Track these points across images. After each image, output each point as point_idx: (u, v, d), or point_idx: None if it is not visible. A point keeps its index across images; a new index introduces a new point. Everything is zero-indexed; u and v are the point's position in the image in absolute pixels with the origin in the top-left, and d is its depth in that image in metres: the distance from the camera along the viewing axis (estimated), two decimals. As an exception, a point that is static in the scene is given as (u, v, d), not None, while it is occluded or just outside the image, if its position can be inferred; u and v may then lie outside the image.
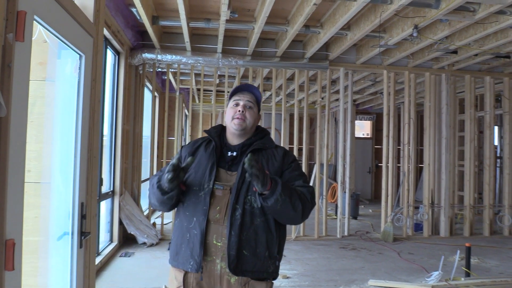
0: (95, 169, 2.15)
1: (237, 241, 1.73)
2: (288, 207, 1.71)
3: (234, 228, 1.73)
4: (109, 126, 5.62)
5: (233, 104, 1.94)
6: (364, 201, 11.68)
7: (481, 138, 8.43)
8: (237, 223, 1.74)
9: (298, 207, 1.74)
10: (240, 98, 1.93)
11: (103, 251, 5.24)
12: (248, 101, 1.92)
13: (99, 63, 2.14)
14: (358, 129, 12.74)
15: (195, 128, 11.15)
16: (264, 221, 1.78)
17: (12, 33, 1.27)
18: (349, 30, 5.74)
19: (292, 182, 1.85)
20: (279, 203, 1.69)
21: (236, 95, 1.96)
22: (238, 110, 1.89)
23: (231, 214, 1.75)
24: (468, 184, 7.25)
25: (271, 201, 1.69)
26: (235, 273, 1.72)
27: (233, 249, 1.72)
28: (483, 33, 5.17)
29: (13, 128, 1.29)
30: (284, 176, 1.87)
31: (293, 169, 1.89)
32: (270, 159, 1.88)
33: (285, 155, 1.92)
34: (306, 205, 1.78)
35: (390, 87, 7.11)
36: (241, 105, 1.91)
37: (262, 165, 1.70)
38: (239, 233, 1.73)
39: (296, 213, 1.75)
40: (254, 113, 1.93)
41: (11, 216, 1.28)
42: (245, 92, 1.96)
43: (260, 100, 2.00)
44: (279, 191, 1.68)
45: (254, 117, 1.93)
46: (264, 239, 1.78)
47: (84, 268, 2.00)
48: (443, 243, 6.63)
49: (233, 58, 6.48)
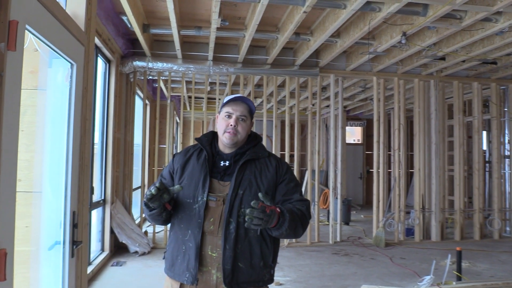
0: (87, 177, 2.14)
1: (232, 255, 1.73)
2: (289, 234, 1.75)
3: (229, 242, 1.73)
4: (100, 134, 5.59)
5: (225, 115, 1.88)
6: (355, 207, 11.72)
7: (470, 143, 8.52)
8: (232, 236, 1.74)
9: (298, 232, 1.77)
10: (233, 111, 1.87)
11: (95, 260, 5.19)
12: (240, 115, 1.87)
13: (90, 71, 2.14)
14: (349, 135, 12.81)
15: (186, 136, 11.13)
16: (258, 232, 1.79)
17: (4, 42, 1.27)
18: (339, 38, 5.80)
19: (290, 196, 1.84)
20: (283, 235, 1.73)
21: (229, 106, 1.89)
22: (230, 124, 1.85)
23: (225, 227, 1.74)
24: (458, 189, 7.32)
25: (275, 233, 1.73)
26: (231, 286, 1.73)
27: (228, 263, 1.72)
28: (470, 40, 5.26)
29: (4, 137, 1.29)
30: (279, 189, 1.86)
31: (288, 181, 1.88)
32: (263, 169, 1.86)
33: (278, 165, 1.90)
34: (305, 226, 1.80)
35: (380, 93, 7.18)
36: (234, 118, 1.86)
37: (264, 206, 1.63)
38: (234, 246, 1.73)
39: (295, 235, 1.79)
40: (247, 125, 1.89)
41: (2, 226, 1.27)
42: (238, 102, 1.89)
43: (253, 111, 1.95)
44: (286, 227, 1.68)
45: (246, 130, 1.89)
46: (259, 250, 1.78)
47: (76, 278, 1.98)
48: (435, 247, 6.67)
49: (224, 66, 6.50)
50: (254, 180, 1.82)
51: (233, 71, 6.59)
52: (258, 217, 1.58)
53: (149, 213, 1.79)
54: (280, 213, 1.67)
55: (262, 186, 1.82)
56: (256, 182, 1.82)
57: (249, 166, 1.85)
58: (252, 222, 1.58)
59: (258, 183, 1.82)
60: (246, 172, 1.83)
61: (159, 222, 1.88)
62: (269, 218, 1.62)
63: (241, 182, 1.80)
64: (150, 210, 1.77)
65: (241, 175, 1.82)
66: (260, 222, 1.59)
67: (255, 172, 1.84)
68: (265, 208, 1.61)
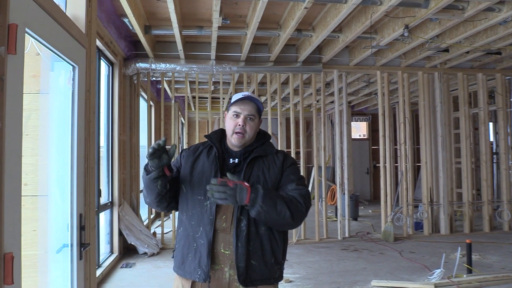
0: (92, 179, 2.15)
1: (245, 252, 1.73)
2: (274, 216, 1.68)
3: (241, 239, 1.73)
4: (105, 137, 5.61)
5: (233, 115, 1.87)
6: (363, 202, 11.68)
7: (477, 134, 8.46)
8: (243, 234, 1.73)
9: (285, 214, 1.69)
10: (241, 110, 1.86)
11: (104, 262, 5.21)
12: (248, 114, 1.86)
13: (92, 73, 2.15)
14: (354, 131, 12.76)
15: (192, 136, 11.14)
16: (268, 229, 1.78)
17: (4, 46, 1.27)
18: (341, 33, 5.77)
19: (285, 186, 1.83)
20: (262, 214, 1.67)
21: (237, 105, 1.88)
22: (238, 124, 1.84)
23: (236, 225, 1.74)
24: (466, 181, 7.27)
25: (253, 213, 1.68)
26: (245, 284, 1.72)
27: (241, 260, 1.72)
28: (473, 30, 5.21)
29: (8, 141, 1.29)
30: (281, 180, 1.86)
31: (289, 173, 1.87)
32: (271, 165, 1.87)
33: (284, 159, 1.90)
34: (296, 210, 1.72)
35: (384, 87, 7.14)
36: (242, 118, 1.85)
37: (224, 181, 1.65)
38: (246, 244, 1.73)
39: (284, 220, 1.71)
40: (255, 124, 1.89)
41: (9, 230, 1.27)
42: (246, 101, 1.88)
43: (261, 110, 1.93)
44: (260, 203, 1.65)
45: (254, 129, 1.89)
46: (269, 247, 1.78)
47: (85, 280, 1.99)
48: (444, 240, 6.63)
49: (227, 65, 6.50)
50: (262, 176, 1.83)
51: (236, 70, 6.58)
52: (219, 191, 1.61)
53: (147, 177, 1.77)
54: (252, 188, 1.67)
55: (269, 181, 1.83)
56: (264, 178, 1.83)
57: (257, 163, 1.86)
58: (214, 197, 1.62)
59: (266, 179, 1.83)
60: (254, 168, 1.84)
61: (154, 194, 1.82)
62: (234, 191, 1.63)
63: (249, 179, 1.80)
64: (148, 173, 1.77)
65: (250, 172, 1.83)
66: (223, 196, 1.62)
67: (263, 169, 1.85)
68: (226, 182, 1.64)
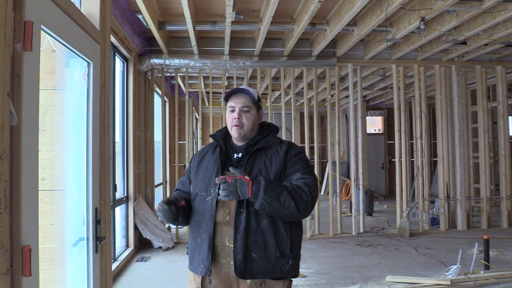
0: (108, 174, 2.17)
1: (243, 245, 1.73)
2: (278, 207, 1.68)
3: (239, 232, 1.74)
4: (120, 132, 5.67)
5: (230, 110, 1.92)
6: (378, 197, 11.59)
7: (495, 129, 8.31)
8: (242, 226, 1.74)
9: (289, 205, 1.68)
10: (235, 104, 1.90)
11: (120, 256, 5.29)
12: (242, 106, 1.89)
13: (107, 69, 2.17)
14: (369, 125, 12.65)
15: (206, 131, 11.18)
16: (271, 222, 1.77)
17: (20, 43, 1.29)
18: (356, 26, 5.71)
19: (290, 176, 1.82)
20: (265, 206, 1.67)
21: (230, 100, 1.92)
22: (234, 118, 1.88)
23: (235, 217, 1.75)
24: (484, 176, 7.15)
25: (257, 205, 1.69)
26: (243, 276, 1.72)
27: (239, 253, 1.72)
28: (491, 22, 5.10)
29: (25, 136, 1.31)
30: (286, 170, 1.84)
31: (294, 163, 1.85)
32: (274, 156, 1.86)
33: (288, 149, 1.88)
34: (300, 200, 1.71)
35: (399, 81, 7.05)
36: (237, 111, 1.89)
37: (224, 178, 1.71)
38: (245, 236, 1.73)
39: (289, 211, 1.70)
40: (252, 115, 1.90)
41: (26, 223, 1.30)
42: (239, 94, 1.91)
43: (255, 99, 1.93)
44: (262, 195, 1.66)
45: (252, 120, 1.90)
46: (273, 240, 1.76)
47: (101, 273, 2.02)
48: (461, 236, 6.54)
49: (240, 59, 6.50)
50: (264, 168, 1.82)
51: (250, 65, 6.58)
52: (222, 189, 1.67)
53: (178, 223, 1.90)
54: (254, 181, 1.69)
55: (271, 173, 1.82)
56: (266, 170, 1.82)
57: (259, 155, 1.86)
58: (220, 195, 1.69)
59: (268, 170, 1.82)
60: (256, 161, 1.84)
61: (183, 223, 1.93)
62: (234, 187, 1.67)
63: (250, 171, 1.81)
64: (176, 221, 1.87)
65: (251, 165, 1.83)
66: (225, 193, 1.67)
67: (265, 161, 1.85)
68: (225, 178, 1.68)
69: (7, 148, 1.22)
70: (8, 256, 1.21)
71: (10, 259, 1.23)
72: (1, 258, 1.17)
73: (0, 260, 1.16)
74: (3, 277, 1.18)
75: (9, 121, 1.23)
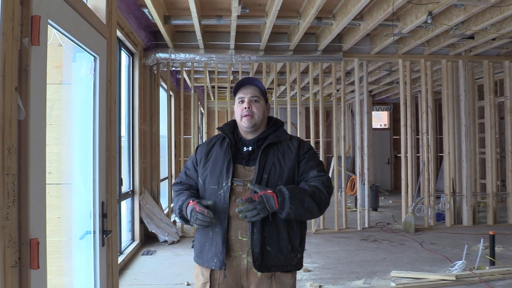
0: (114, 168, 2.19)
1: (260, 238, 1.75)
2: (302, 213, 1.73)
3: (256, 226, 1.75)
4: (126, 127, 5.69)
5: (239, 102, 1.92)
6: (384, 192, 11.57)
7: (502, 124, 8.24)
8: (258, 220, 1.74)
9: (312, 209, 1.74)
10: (244, 94, 1.91)
11: (126, 250, 5.32)
12: (252, 96, 1.90)
13: (113, 63, 2.17)
14: (375, 120, 12.60)
15: (211, 126, 11.19)
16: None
17: (28, 37, 1.29)
18: (362, 20, 5.67)
19: (306, 174, 1.85)
20: (292, 214, 1.71)
21: (239, 92, 1.93)
22: (245, 107, 1.88)
23: None
24: (490, 172, 7.11)
25: (283, 215, 1.72)
26: (261, 269, 1.75)
27: (256, 246, 1.74)
28: (500, 16, 5.04)
29: (33, 130, 1.32)
30: (300, 168, 1.86)
31: (308, 159, 1.88)
32: (286, 152, 1.87)
33: (300, 146, 1.91)
34: (320, 201, 1.77)
35: (406, 76, 7.01)
36: (246, 101, 1.89)
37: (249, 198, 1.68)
38: (262, 230, 1.75)
39: (312, 214, 1.77)
40: (261, 105, 1.91)
41: (34, 216, 1.31)
42: (247, 85, 1.93)
43: (264, 90, 1.96)
44: (288, 205, 1.68)
45: (262, 110, 1.91)
46: (286, 234, 1.79)
47: (107, 266, 2.04)
48: (466, 232, 6.52)
49: (246, 54, 6.48)
50: (278, 163, 1.84)
51: (255, 59, 6.56)
52: (249, 210, 1.64)
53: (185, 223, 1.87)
54: (277, 193, 1.69)
55: (285, 168, 1.84)
56: (280, 165, 1.84)
57: (272, 149, 1.87)
58: (247, 217, 1.66)
59: (282, 166, 1.84)
60: (269, 156, 1.85)
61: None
62: (261, 204, 1.66)
63: (265, 166, 1.82)
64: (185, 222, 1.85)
65: (265, 159, 1.84)
66: (255, 213, 1.65)
67: (278, 155, 1.86)
68: (251, 198, 1.66)
69: (15, 142, 1.23)
70: (16, 249, 1.23)
71: (19, 252, 1.24)
72: (9, 251, 1.18)
73: (8, 253, 1.17)
74: (12, 269, 1.19)
75: (17, 115, 1.24)
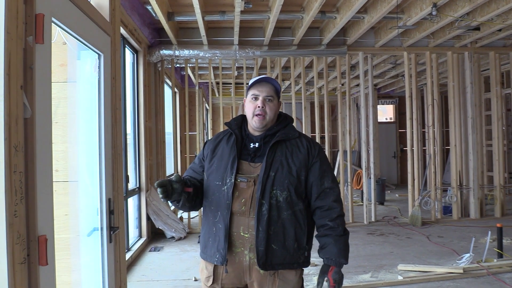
0: (120, 165, 2.20)
1: (265, 236, 1.74)
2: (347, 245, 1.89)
3: (262, 224, 1.74)
4: (132, 124, 5.71)
5: (252, 98, 1.87)
6: (390, 186, 11.54)
7: (509, 116, 8.18)
8: (264, 218, 1.74)
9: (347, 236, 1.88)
10: (259, 92, 1.86)
11: (133, 246, 5.36)
12: (267, 95, 1.85)
13: (117, 61, 2.18)
14: (381, 114, 12.54)
15: (216, 122, 11.19)
16: (291, 214, 1.78)
17: (32, 35, 1.30)
18: (366, 13, 5.63)
19: (320, 181, 1.84)
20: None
21: (254, 88, 1.88)
22: (258, 106, 1.83)
23: (258, 209, 1.74)
24: (497, 164, 7.06)
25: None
26: (265, 268, 1.74)
27: (261, 244, 1.73)
28: (506, 6, 4.99)
29: (39, 128, 1.33)
30: (313, 171, 1.84)
31: (321, 163, 1.86)
32: (295, 150, 1.85)
33: (310, 146, 1.88)
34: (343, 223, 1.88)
35: (411, 69, 6.96)
36: (261, 99, 1.84)
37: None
38: (267, 228, 1.74)
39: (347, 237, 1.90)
40: (274, 105, 1.87)
41: (42, 213, 1.32)
42: (263, 83, 1.88)
43: (279, 90, 1.93)
44: (346, 257, 1.84)
45: (274, 110, 1.87)
46: (293, 232, 1.78)
47: (115, 263, 2.05)
48: (474, 225, 6.50)
49: (250, 49, 6.47)
50: (286, 161, 1.81)
51: (260, 54, 6.55)
52: None
53: (177, 205, 1.83)
54: (335, 265, 1.81)
55: (294, 167, 1.81)
56: (288, 163, 1.81)
57: (280, 147, 1.84)
58: None
59: (290, 164, 1.81)
60: (277, 153, 1.82)
61: (192, 209, 1.93)
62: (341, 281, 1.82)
63: (272, 164, 1.80)
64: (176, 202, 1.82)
65: (272, 157, 1.81)
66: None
67: (286, 153, 1.83)
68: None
69: (22, 140, 1.24)
70: (25, 246, 1.24)
71: (27, 248, 1.26)
72: (18, 247, 1.19)
73: (17, 250, 1.19)
74: (21, 266, 1.21)
75: (23, 113, 1.25)
